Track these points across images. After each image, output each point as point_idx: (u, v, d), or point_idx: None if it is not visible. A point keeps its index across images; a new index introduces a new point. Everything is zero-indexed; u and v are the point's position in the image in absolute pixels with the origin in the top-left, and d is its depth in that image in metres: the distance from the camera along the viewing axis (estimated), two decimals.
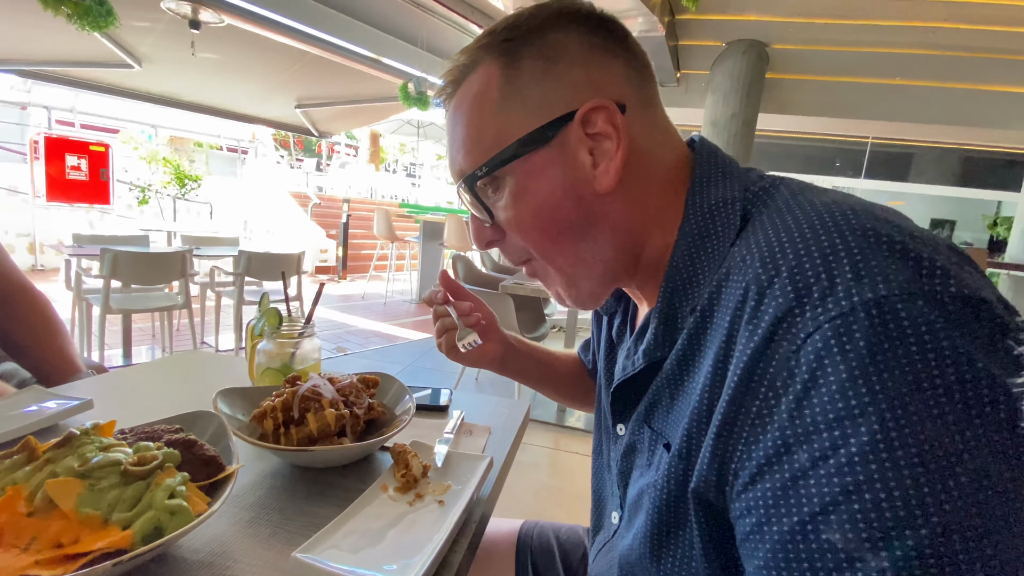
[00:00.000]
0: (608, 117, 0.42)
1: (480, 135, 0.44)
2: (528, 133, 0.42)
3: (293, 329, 0.76)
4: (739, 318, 0.34)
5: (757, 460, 0.31)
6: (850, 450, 0.27)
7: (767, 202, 0.39)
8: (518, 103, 0.43)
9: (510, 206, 0.45)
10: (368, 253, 7.85)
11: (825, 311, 0.29)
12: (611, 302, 0.58)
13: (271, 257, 3.46)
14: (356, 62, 5.47)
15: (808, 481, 0.28)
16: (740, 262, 0.36)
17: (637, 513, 0.44)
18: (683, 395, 0.40)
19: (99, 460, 0.44)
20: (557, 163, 0.43)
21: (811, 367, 0.29)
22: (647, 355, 0.43)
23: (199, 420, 0.57)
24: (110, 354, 3.29)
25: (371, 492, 0.54)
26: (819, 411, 0.28)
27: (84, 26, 3.33)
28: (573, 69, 0.43)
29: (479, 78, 0.45)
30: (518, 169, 0.43)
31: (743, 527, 0.32)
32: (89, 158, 6.82)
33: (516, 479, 2.16)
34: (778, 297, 0.31)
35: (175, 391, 0.86)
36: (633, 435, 0.47)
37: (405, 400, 0.70)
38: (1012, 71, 3.94)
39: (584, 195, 0.43)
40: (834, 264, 0.30)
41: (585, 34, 0.43)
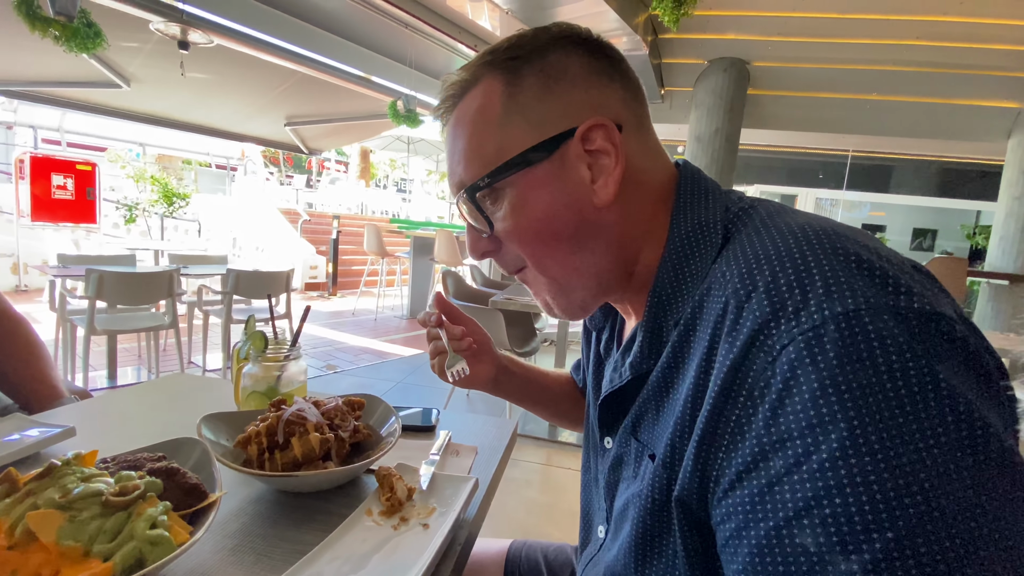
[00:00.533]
0: (607, 135, 0.44)
1: (481, 147, 0.46)
2: (530, 147, 0.44)
3: (279, 352, 0.76)
4: (719, 331, 0.36)
5: (736, 467, 0.33)
6: (821, 456, 0.28)
7: (746, 222, 0.41)
8: (520, 118, 0.45)
9: (509, 216, 0.46)
10: (358, 269, 7.84)
11: (799, 323, 0.31)
12: (599, 318, 0.60)
13: (260, 275, 3.45)
14: (345, 81, 5.52)
15: (783, 487, 0.30)
16: (720, 277, 0.38)
17: (623, 524, 0.45)
18: (668, 406, 0.41)
19: (80, 491, 0.44)
20: (557, 177, 0.44)
21: (785, 377, 0.31)
22: (634, 368, 0.45)
23: (182, 447, 0.57)
24: (95, 376, 3.24)
25: (355, 516, 0.54)
26: (792, 419, 0.30)
27: (72, 48, 3.34)
28: (574, 89, 0.45)
29: (481, 93, 0.46)
30: (519, 181, 0.45)
31: (723, 533, 0.33)
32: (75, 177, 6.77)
33: (507, 496, 2.15)
34: (755, 311, 0.33)
35: (160, 416, 0.85)
36: (620, 447, 0.48)
37: (391, 422, 0.70)
38: (982, 86, 4.08)
39: (583, 208, 0.45)
40: (807, 280, 0.32)
41: (585, 56, 0.46)
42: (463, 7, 3.77)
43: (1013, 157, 4.06)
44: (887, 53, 3.98)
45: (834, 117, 4.44)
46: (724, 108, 4.07)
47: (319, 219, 9.54)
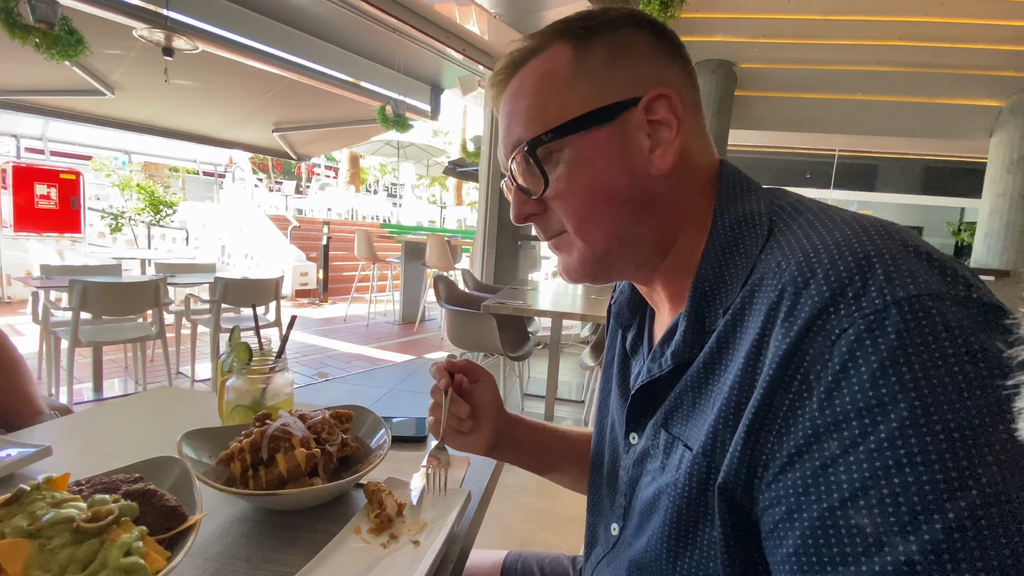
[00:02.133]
0: (670, 107, 0.45)
1: (545, 106, 0.46)
2: (594, 110, 0.45)
3: (264, 364, 0.74)
4: (774, 318, 0.35)
5: (788, 450, 0.32)
6: (879, 436, 0.28)
7: (795, 216, 0.41)
8: (587, 81, 0.45)
9: (564, 176, 0.46)
10: (349, 275, 7.78)
11: (859, 308, 0.31)
12: (627, 315, 0.59)
13: (248, 283, 3.41)
14: (333, 86, 5.49)
15: (838, 468, 0.29)
16: (775, 267, 0.37)
17: (651, 516, 0.44)
18: (708, 396, 0.41)
19: (50, 517, 0.42)
20: (618, 141, 0.45)
21: (843, 359, 0.30)
22: (676, 356, 0.44)
23: (161, 466, 0.54)
24: (80, 388, 3.18)
25: (344, 535, 0.52)
26: (849, 401, 0.30)
27: (53, 55, 3.29)
28: (640, 62, 0.46)
29: (549, 57, 0.47)
30: (579, 142, 0.45)
31: (771, 517, 0.33)
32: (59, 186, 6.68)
33: (502, 503, 2.13)
34: (813, 296, 0.33)
35: (142, 432, 0.83)
36: (648, 441, 0.47)
37: (380, 433, 0.69)
38: (964, 85, 4.14)
39: (639, 175, 0.45)
40: (867, 267, 0.32)
41: (652, 36, 0.47)
42: (451, 11, 3.76)
43: (996, 154, 4.11)
44: (871, 54, 4.02)
45: (820, 117, 4.48)
46: (712, 110, 4.09)
47: (309, 225, 9.47)
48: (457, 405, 0.63)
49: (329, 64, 5.24)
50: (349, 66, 5.40)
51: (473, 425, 0.64)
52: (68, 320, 2.72)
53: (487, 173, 4.70)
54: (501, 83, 0.50)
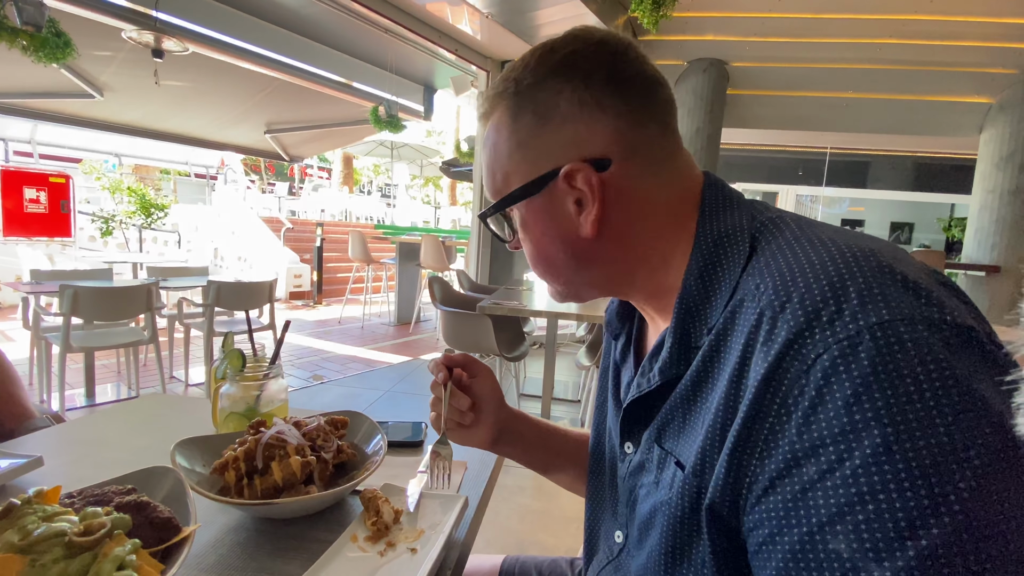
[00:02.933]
0: (585, 177, 0.45)
1: (495, 175, 0.51)
2: (526, 183, 0.48)
3: (257, 371, 0.73)
4: (754, 341, 0.36)
5: (769, 474, 0.33)
6: (854, 463, 0.29)
7: (775, 234, 0.42)
8: (520, 154, 0.48)
9: (519, 235, 0.52)
10: (344, 277, 7.75)
11: (833, 333, 0.31)
12: (616, 324, 0.60)
13: (242, 286, 3.38)
14: (325, 87, 5.47)
15: (816, 493, 0.30)
16: (754, 289, 0.38)
17: (649, 531, 0.45)
18: (696, 414, 0.41)
19: (42, 532, 0.41)
20: (548, 210, 0.48)
21: (818, 385, 0.31)
22: (663, 373, 0.45)
23: (154, 477, 0.54)
24: (72, 394, 3.15)
25: (340, 543, 0.52)
26: (825, 426, 0.30)
27: (41, 58, 3.25)
28: (564, 126, 0.46)
29: (495, 125, 0.50)
30: (522, 209, 0.50)
31: (755, 539, 0.34)
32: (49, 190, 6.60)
33: (500, 504, 2.13)
34: (789, 321, 0.33)
35: (135, 441, 0.82)
36: (643, 454, 0.48)
37: (376, 439, 0.68)
38: (954, 82, 4.17)
39: (571, 239, 0.48)
40: (840, 291, 0.33)
41: (579, 90, 0.45)
42: (443, 11, 3.75)
43: (985, 151, 4.15)
44: (862, 52, 4.05)
45: (812, 115, 4.50)
46: (704, 108, 4.10)
47: (302, 227, 9.43)
48: (457, 399, 0.63)
49: (321, 65, 5.22)
50: (341, 67, 5.38)
51: (474, 419, 0.65)
52: (59, 325, 2.70)
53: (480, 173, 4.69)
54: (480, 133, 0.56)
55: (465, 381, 0.65)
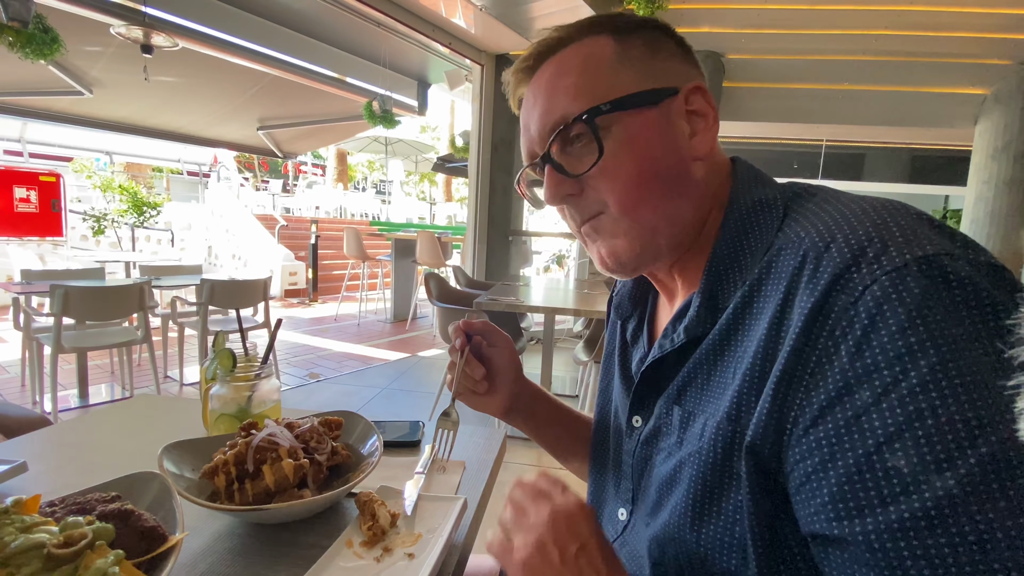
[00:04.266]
0: (705, 99, 0.48)
1: (595, 83, 0.47)
2: (642, 91, 0.46)
3: (248, 371, 0.71)
4: (797, 282, 0.37)
5: (819, 403, 0.33)
6: (911, 382, 0.30)
7: (809, 198, 0.44)
8: (631, 68, 0.47)
9: (614, 152, 0.47)
10: (339, 274, 7.71)
11: (880, 266, 0.33)
12: (628, 307, 0.61)
13: (236, 284, 3.35)
14: (318, 82, 5.41)
15: (871, 416, 0.31)
16: (794, 238, 0.39)
17: (671, 490, 0.45)
18: (725, 367, 0.42)
19: (19, 544, 0.39)
20: (663, 123, 0.47)
21: (870, 313, 0.32)
22: (689, 331, 0.45)
23: (139, 483, 0.52)
24: (65, 395, 3.11)
25: (335, 549, 0.50)
26: (879, 351, 0.31)
27: (28, 54, 3.20)
28: (673, 60, 0.49)
29: (590, 44, 0.48)
30: (629, 120, 0.46)
31: (802, 470, 0.34)
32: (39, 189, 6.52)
33: (498, 501, 2.11)
34: (835, 258, 0.35)
35: (124, 444, 0.80)
36: (658, 420, 0.49)
37: (372, 440, 0.66)
38: (949, 73, 4.16)
39: (682, 155, 0.47)
40: (884, 232, 0.35)
41: (675, 44, 0.50)
42: (437, 5, 3.71)
43: (980, 142, 4.14)
44: (857, 43, 4.03)
45: (808, 107, 4.48)
46: None
47: (297, 224, 9.36)
48: (472, 366, 0.63)
49: (313, 60, 5.16)
50: (334, 62, 5.32)
51: (488, 387, 0.66)
52: (51, 326, 2.66)
53: (476, 168, 4.66)
54: (529, 69, 0.51)
55: (484, 349, 0.65)
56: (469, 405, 0.67)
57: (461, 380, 0.64)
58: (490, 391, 0.66)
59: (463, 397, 0.66)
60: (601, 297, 2.75)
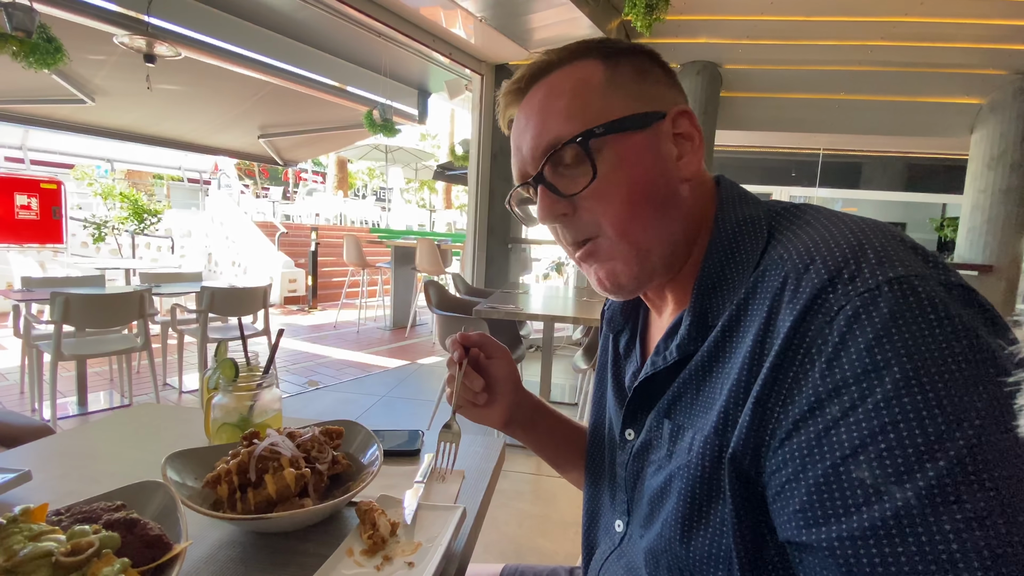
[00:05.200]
0: (691, 122, 0.50)
1: (586, 107, 0.48)
2: (631, 115, 0.48)
3: (251, 380, 0.72)
4: (779, 302, 0.39)
5: (792, 418, 0.35)
6: (876, 398, 0.31)
7: (792, 219, 0.45)
8: (620, 93, 0.49)
9: (611, 171, 0.48)
10: (339, 281, 7.72)
11: (854, 287, 0.35)
12: (619, 320, 0.62)
13: (236, 292, 3.36)
14: (319, 91, 5.45)
15: (839, 429, 0.32)
16: (777, 259, 0.41)
17: (663, 502, 0.46)
18: (713, 382, 0.44)
19: (27, 552, 0.40)
20: (653, 145, 0.48)
21: (841, 332, 0.34)
22: (681, 349, 0.47)
23: (144, 492, 0.53)
24: (65, 403, 3.11)
25: (336, 558, 0.51)
26: (847, 368, 0.33)
27: (31, 64, 3.23)
28: (659, 85, 0.51)
29: (580, 68, 0.50)
30: (620, 143, 0.48)
31: (778, 480, 0.36)
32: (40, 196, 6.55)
33: (498, 510, 2.11)
34: (813, 279, 0.37)
35: (127, 453, 0.80)
36: (649, 433, 0.50)
37: (372, 449, 0.67)
38: (944, 83, 4.20)
39: (670, 178, 0.49)
40: (859, 253, 0.36)
41: (661, 70, 0.52)
42: (437, 16, 3.75)
43: (976, 151, 4.18)
44: (853, 54, 4.08)
45: (805, 117, 4.52)
46: (698, 110, 4.12)
47: (297, 231, 9.38)
48: (471, 379, 0.64)
49: (314, 69, 5.20)
50: (335, 71, 5.36)
51: (488, 399, 0.66)
52: (50, 333, 2.67)
53: (476, 176, 4.69)
54: (519, 91, 0.52)
55: (482, 361, 0.66)
56: (469, 418, 0.67)
57: (460, 393, 0.64)
58: (489, 403, 0.66)
59: (463, 410, 0.66)
60: (600, 305, 2.76)
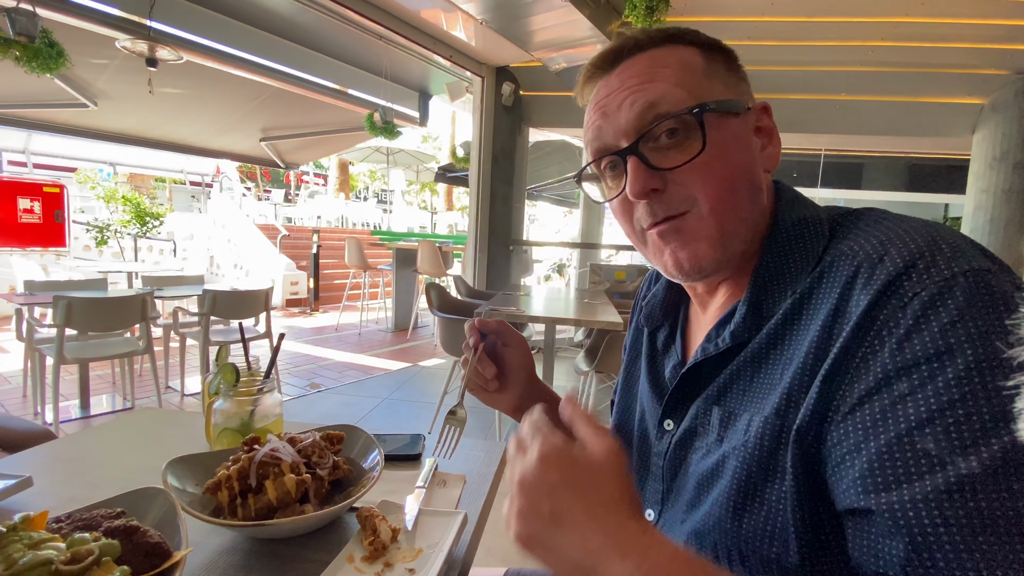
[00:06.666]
0: (771, 118, 0.53)
1: (694, 82, 0.48)
2: (731, 99, 0.49)
3: (251, 386, 0.72)
4: (851, 288, 0.40)
5: (858, 393, 0.37)
6: (947, 375, 0.33)
7: (857, 220, 0.47)
8: (718, 80, 0.50)
9: (720, 146, 0.48)
10: (340, 283, 7.73)
11: (930, 276, 0.36)
12: (659, 317, 0.63)
13: (238, 294, 3.36)
14: (320, 94, 5.46)
15: (907, 403, 0.34)
16: (848, 252, 0.42)
17: (712, 484, 0.46)
18: (770, 369, 0.45)
19: (27, 560, 0.40)
20: (747, 133, 0.50)
21: (915, 316, 0.36)
22: (735, 336, 0.48)
23: (144, 498, 0.52)
24: (67, 406, 3.11)
25: (336, 564, 0.51)
26: (919, 348, 0.35)
27: (34, 69, 3.24)
28: (743, 82, 0.52)
29: (681, 50, 0.50)
30: (725, 122, 0.48)
31: (840, 450, 0.37)
32: (43, 200, 6.56)
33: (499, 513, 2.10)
34: (888, 267, 0.38)
35: (127, 458, 0.80)
36: (694, 420, 0.50)
37: (373, 454, 0.67)
38: (946, 84, 4.20)
39: (757, 165, 0.51)
40: (934, 247, 0.38)
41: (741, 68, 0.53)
42: (437, 18, 3.76)
43: (978, 151, 4.17)
44: (854, 54, 4.07)
45: (806, 118, 4.52)
46: None
47: (299, 234, 9.40)
48: (484, 365, 0.65)
49: (315, 72, 5.21)
50: (336, 73, 5.37)
51: (500, 386, 0.68)
52: (53, 337, 2.67)
53: (477, 178, 4.69)
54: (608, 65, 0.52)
55: (499, 348, 0.67)
56: (482, 400, 0.70)
57: (472, 377, 0.66)
58: (501, 389, 0.68)
59: (476, 392, 0.68)
60: (601, 307, 2.76)
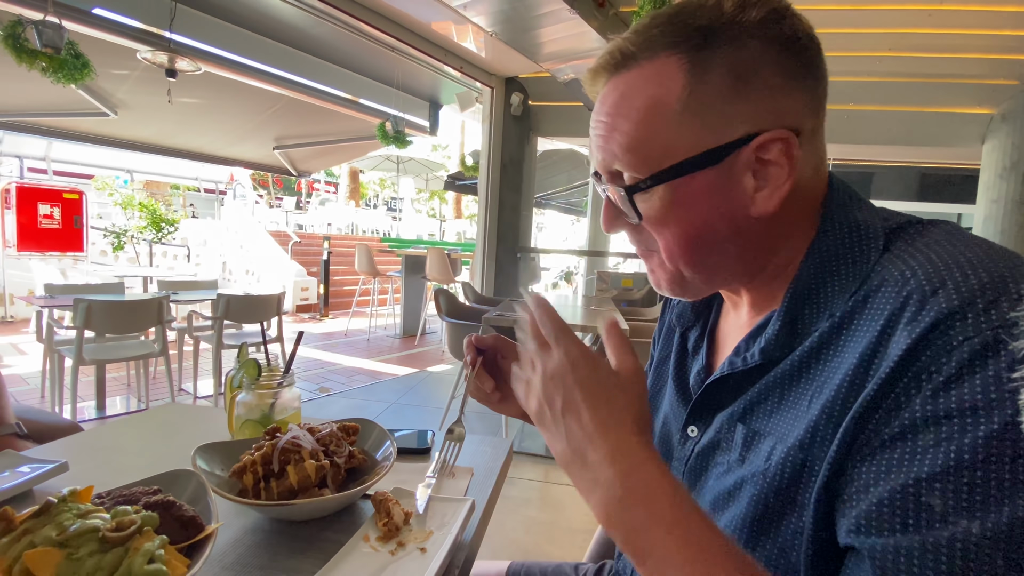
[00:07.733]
0: (785, 149, 0.42)
1: (648, 141, 0.43)
2: (700, 153, 0.42)
3: (272, 380, 0.76)
4: (895, 324, 0.36)
5: (882, 437, 0.34)
6: (976, 434, 0.30)
7: (918, 234, 0.41)
8: (697, 120, 0.42)
9: (660, 214, 0.44)
10: (350, 289, 7.82)
11: (988, 320, 0.32)
12: (690, 316, 0.60)
13: (250, 299, 3.43)
14: (333, 103, 5.57)
15: (927, 455, 0.32)
16: (898, 276, 0.38)
17: (728, 505, 0.45)
18: (800, 393, 0.41)
19: (77, 528, 0.44)
20: (721, 186, 0.43)
21: (960, 364, 0.32)
22: (765, 353, 0.44)
23: (177, 479, 0.57)
24: (83, 406, 3.19)
25: (353, 543, 0.55)
26: (954, 400, 0.32)
27: (60, 79, 3.35)
28: (762, 94, 0.42)
29: (658, 75, 0.43)
30: (680, 185, 0.43)
31: (851, 488, 0.35)
32: (62, 206, 6.74)
33: (505, 515, 2.13)
34: (941, 303, 0.34)
35: (152, 448, 0.85)
36: (718, 433, 0.48)
37: (386, 445, 0.71)
38: (955, 94, 4.20)
39: (736, 217, 0.44)
40: (1001, 286, 0.34)
41: (781, 56, 0.42)
42: (448, 30, 3.84)
43: (988, 161, 4.16)
44: (862, 65, 4.09)
45: None
46: None
47: (309, 240, 9.53)
48: (482, 380, 0.67)
49: (328, 82, 5.32)
50: (348, 84, 5.48)
51: (501, 396, 0.69)
52: (72, 339, 2.75)
53: (486, 186, 4.75)
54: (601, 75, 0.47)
55: (499, 361, 0.69)
56: (491, 408, 0.71)
57: (470, 392, 0.69)
58: (503, 399, 0.70)
59: (482, 402, 0.71)
60: (608, 314, 2.79)
